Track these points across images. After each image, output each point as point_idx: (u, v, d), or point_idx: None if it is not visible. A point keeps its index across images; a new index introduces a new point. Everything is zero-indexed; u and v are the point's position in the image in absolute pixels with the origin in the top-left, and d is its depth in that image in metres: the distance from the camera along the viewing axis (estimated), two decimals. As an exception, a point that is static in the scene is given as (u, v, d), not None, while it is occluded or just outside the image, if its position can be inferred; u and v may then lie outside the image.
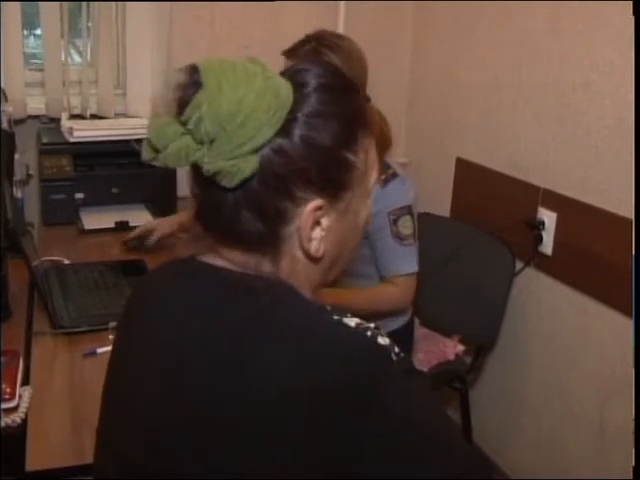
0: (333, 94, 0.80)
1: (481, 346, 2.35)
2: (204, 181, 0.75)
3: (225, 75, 0.73)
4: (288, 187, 0.76)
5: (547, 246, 2.14)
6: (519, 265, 2.24)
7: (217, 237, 0.81)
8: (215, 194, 0.76)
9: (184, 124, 0.73)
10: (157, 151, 0.76)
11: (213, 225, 0.80)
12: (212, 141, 0.72)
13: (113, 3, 2.48)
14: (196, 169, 0.75)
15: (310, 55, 1.71)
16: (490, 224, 2.33)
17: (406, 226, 1.83)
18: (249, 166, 0.73)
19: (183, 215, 2.17)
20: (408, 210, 1.84)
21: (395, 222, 1.81)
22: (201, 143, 0.73)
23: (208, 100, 0.72)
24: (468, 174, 2.54)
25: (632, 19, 1.66)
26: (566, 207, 2.05)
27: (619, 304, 1.88)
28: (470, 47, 2.48)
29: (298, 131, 0.76)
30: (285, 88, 0.76)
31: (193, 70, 0.74)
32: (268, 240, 0.78)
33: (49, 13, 2.37)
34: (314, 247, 0.80)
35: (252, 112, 0.72)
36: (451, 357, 2.23)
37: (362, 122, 0.83)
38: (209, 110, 0.71)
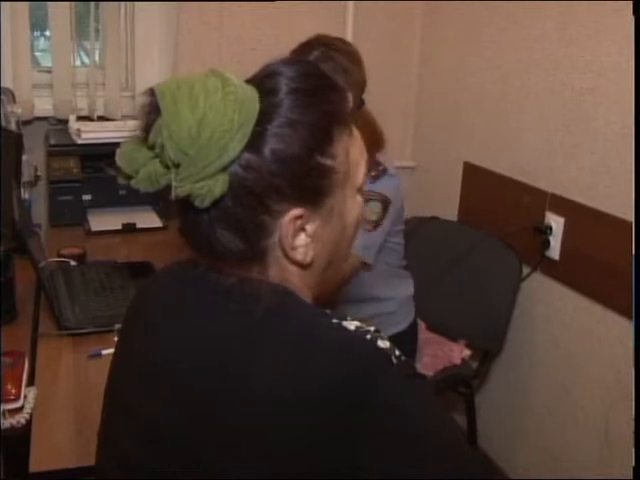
0: (305, 98, 0.77)
1: (487, 351, 2.34)
2: (179, 201, 0.73)
3: (182, 97, 0.71)
4: (263, 202, 0.74)
5: (554, 251, 2.12)
6: (526, 270, 2.23)
7: (201, 254, 0.80)
8: (191, 214, 0.75)
9: (152, 148, 0.72)
10: (130, 177, 0.75)
11: (194, 243, 0.79)
12: (177, 165, 0.71)
13: (122, 5, 2.49)
14: None
15: (322, 61, 1.65)
16: (497, 228, 2.33)
17: (373, 212, 1.74)
18: (218, 186, 0.71)
19: None
20: (383, 200, 1.75)
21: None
22: (168, 167, 0.71)
23: (167, 126, 0.70)
24: (475, 178, 2.54)
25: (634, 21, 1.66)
26: (573, 212, 2.04)
27: (626, 309, 1.87)
28: (478, 51, 2.47)
29: (267, 145, 0.73)
30: (250, 100, 0.73)
31: (151, 94, 0.73)
32: (250, 255, 0.77)
33: (58, 15, 2.38)
34: (300, 254, 0.78)
35: (214, 132, 0.69)
36: (457, 361, 2.23)
37: (338, 121, 0.79)
38: (169, 136, 0.70)
